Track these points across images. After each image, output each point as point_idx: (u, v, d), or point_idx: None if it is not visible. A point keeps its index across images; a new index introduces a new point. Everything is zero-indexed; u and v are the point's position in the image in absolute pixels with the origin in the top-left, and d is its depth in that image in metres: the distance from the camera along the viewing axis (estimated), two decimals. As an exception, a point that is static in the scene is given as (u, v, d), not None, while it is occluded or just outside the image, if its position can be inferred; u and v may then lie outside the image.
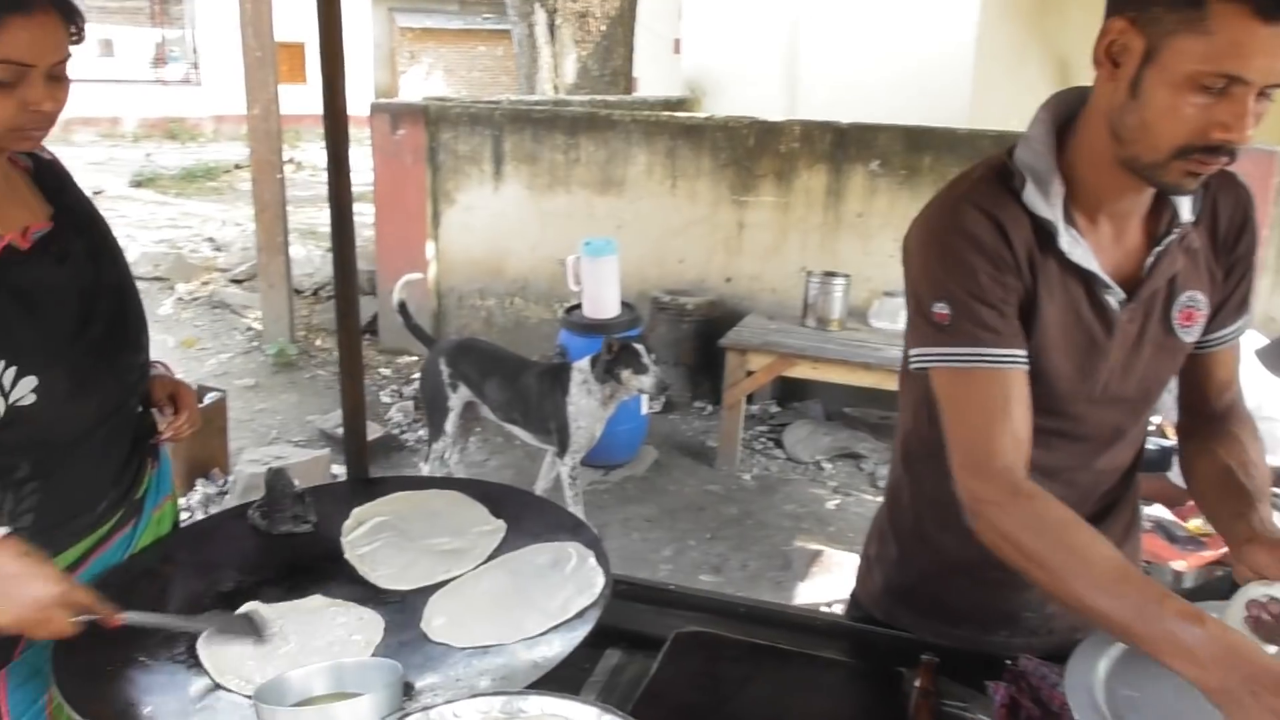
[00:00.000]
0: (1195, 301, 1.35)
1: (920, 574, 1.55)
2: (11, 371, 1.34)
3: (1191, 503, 2.19)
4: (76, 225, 1.51)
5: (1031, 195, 1.26)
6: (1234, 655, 1.00)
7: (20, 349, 1.35)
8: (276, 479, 1.68)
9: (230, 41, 6.16)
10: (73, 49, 1.37)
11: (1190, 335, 1.36)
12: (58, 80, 1.35)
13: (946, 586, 1.51)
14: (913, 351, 1.34)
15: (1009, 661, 1.32)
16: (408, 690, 1.23)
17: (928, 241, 1.31)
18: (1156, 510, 3.00)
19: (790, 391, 5.70)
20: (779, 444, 5.25)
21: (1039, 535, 1.18)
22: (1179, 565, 2.89)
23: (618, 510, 4.56)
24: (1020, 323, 1.28)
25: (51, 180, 1.53)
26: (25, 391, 1.35)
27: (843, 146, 5.45)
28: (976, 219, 1.26)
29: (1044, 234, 1.27)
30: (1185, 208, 1.30)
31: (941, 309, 1.26)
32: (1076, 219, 1.28)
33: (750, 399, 5.36)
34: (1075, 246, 1.27)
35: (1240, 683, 0.98)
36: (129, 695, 1.25)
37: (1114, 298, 1.30)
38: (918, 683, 1.30)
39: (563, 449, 4.12)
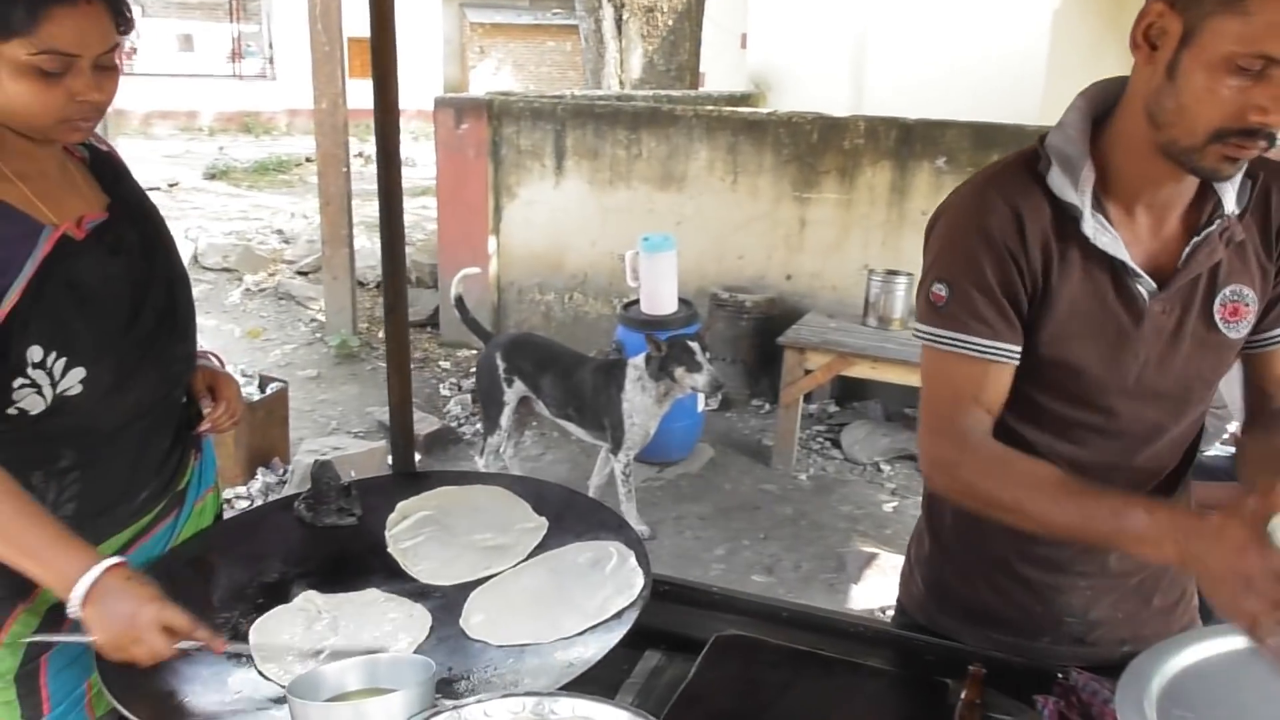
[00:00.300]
0: (1241, 296, 1.31)
1: (958, 573, 1.53)
2: (61, 362, 1.35)
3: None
4: (131, 216, 1.52)
5: (1056, 178, 1.27)
6: (1178, 523, 1.08)
7: (72, 340, 1.36)
8: (323, 471, 1.69)
9: (304, 37, 6.22)
10: (124, 40, 1.37)
11: (1236, 331, 1.33)
12: (105, 70, 1.34)
13: (986, 586, 1.49)
14: (913, 324, 1.39)
15: (1060, 675, 1.28)
16: (444, 687, 1.23)
17: (945, 223, 1.35)
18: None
19: (849, 391, 5.64)
20: (836, 444, 5.18)
21: (991, 477, 1.26)
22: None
23: (671, 508, 4.54)
24: (1033, 312, 1.29)
25: (108, 171, 1.54)
26: (73, 382, 1.37)
27: (908, 143, 5.36)
28: (994, 207, 1.28)
29: (1067, 220, 1.27)
30: (1229, 198, 1.27)
31: (939, 290, 1.30)
32: (1110, 209, 1.27)
33: (808, 398, 5.31)
34: (1101, 233, 1.26)
35: (1191, 543, 1.05)
36: (168, 684, 1.26)
37: (1144, 287, 1.28)
38: (964, 694, 1.27)
39: (617, 445, 4.12)
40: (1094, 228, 1.25)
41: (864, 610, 3.58)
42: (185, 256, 8.29)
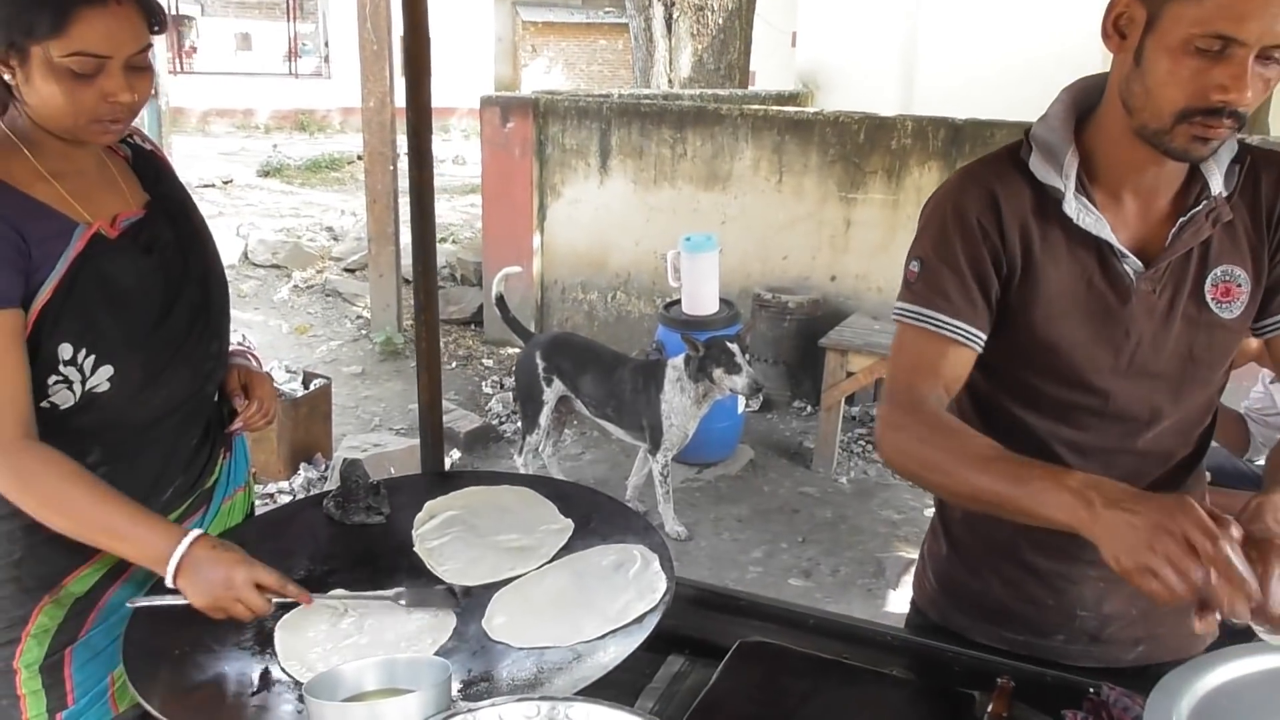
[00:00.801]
0: (1233, 276, 1.33)
1: (969, 566, 1.54)
2: (90, 360, 1.37)
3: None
4: (169, 214, 1.53)
5: (1037, 163, 1.31)
6: (1095, 487, 1.07)
7: (101, 338, 1.38)
8: (351, 470, 1.70)
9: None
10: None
11: (1229, 312, 1.34)
12: (138, 71, 1.34)
13: (996, 578, 1.50)
14: None
15: (1091, 690, 1.26)
16: (465, 689, 1.23)
17: (926, 208, 1.40)
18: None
19: (893, 394, 5.56)
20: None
21: (927, 442, 1.27)
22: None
23: (710, 509, 4.52)
24: (1016, 294, 1.32)
25: (149, 169, 1.56)
26: (101, 380, 1.39)
27: (957, 143, 5.29)
28: (971, 190, 1.33)
29: (1049, 202, 1.31)
30: (1215, 180, 1.29)
31: (913, 267, 1.36)
32: (1096, 195, 1.30)
33: (850, 400, 5.26)
34: (1085, 213, 1.29)
35: (1103, 508, 1.05)
36: (191, 678, 1.28)
37: (1130, 266, 1.31)
38: (990, 707, 1.24)
39: (655, 446, 4.11)
40: (1076, 208, 1.29)
41: (902, 615, 3.54)
42: (235, 253, 8.33)
